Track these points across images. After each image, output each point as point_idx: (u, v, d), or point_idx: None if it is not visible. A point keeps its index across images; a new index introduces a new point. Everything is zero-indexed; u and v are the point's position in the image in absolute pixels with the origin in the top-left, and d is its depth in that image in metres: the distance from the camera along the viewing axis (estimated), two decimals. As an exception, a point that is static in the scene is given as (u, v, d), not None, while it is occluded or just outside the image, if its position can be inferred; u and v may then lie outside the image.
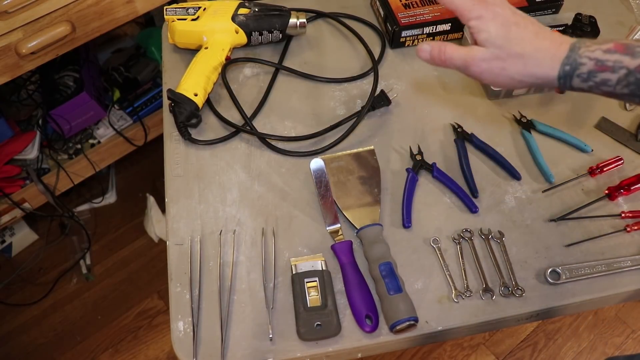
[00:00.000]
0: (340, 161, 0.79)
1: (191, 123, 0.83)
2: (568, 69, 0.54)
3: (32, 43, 1.05)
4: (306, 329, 0.65)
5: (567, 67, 0.54)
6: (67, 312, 1.56)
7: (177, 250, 0.73)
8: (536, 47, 0.55)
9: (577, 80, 0.54)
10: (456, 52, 0.59)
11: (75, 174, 1.46)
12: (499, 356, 1.49)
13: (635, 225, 0.74)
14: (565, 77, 0.55)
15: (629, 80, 0.50)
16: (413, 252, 0.73)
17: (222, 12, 0.88)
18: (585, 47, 0.54)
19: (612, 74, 0.51)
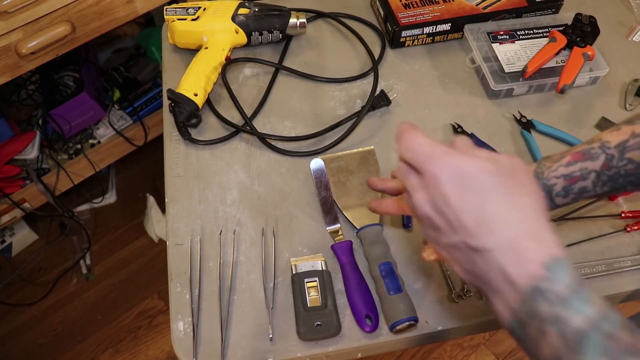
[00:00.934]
0: (340, 161, 0.79)
1: (191, 123, 0.83)
2: (545, 193, 0.54)
3: (32, 43, 1.05)
4: (306, 329, 0.65)
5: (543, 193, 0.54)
6: (67, 312, 1.56)
7: (177, 250, 0.73)
8: None
9: (559, 199, 0.53)
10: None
11: (75, 174, 1.46)
12: (499, 356, 1.49)
13: (635, 225, 0.74)
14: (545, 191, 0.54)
15: (602, 180, 0.51)
16: (413, 252, 0.73)
17: (222, 12, 0.88)
18: (547, 169, 0.53)
19: (584, 181, 0.51)
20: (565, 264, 0.37)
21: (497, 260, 0.37)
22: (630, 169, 0.50)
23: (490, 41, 0.90)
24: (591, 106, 0.87)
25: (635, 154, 0.50)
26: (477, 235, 0.38)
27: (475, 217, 0.38)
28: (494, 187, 0.38)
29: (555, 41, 0.87)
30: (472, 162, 0.39)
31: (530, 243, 0.37)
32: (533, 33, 0.91)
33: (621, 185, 0.51)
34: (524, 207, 0.38)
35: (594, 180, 0.51)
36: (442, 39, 0.94)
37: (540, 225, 0.38)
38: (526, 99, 0.88)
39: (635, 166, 0.50)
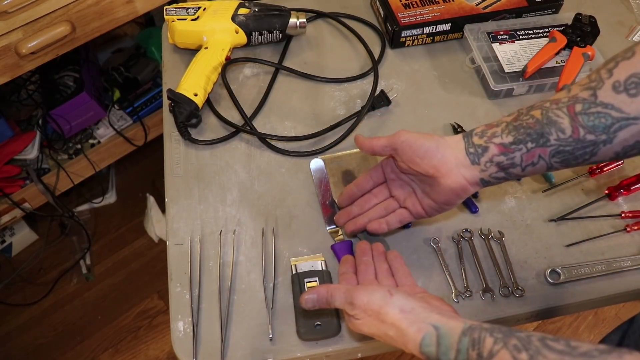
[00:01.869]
0: (340, 161, 0.79)
1: (191, 123, 0.83)
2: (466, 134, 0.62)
3: (32, 43, 1.05)
4: (306, 329, 0.65)
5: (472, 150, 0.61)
6: (67, 312, 1.56)
7: (177, 250, 0.73)
8: None
9: (475, 137, 0.61)
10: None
11: (75, 174, 1.46)
12: (499, 356, 1.49)
13: (635, 225, 0.74)
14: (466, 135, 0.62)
15: (508, 128, 0.59)
16: (413, 252, 0.73)
17: (222, 12, 0.88)
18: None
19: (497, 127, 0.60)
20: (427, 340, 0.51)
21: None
22: (530, 123, 0.58)
23: (490, 41, 0.90)
24: (591, 106, 0.87)
25: (536, 112, 0.58)
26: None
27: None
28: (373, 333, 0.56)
29: (555, 41, 0.87)
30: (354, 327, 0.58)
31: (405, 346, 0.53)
32: (533, 33, 0.91)
33: (522, 137, 0.58)
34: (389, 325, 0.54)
35: (503, 127, 0.60)
36: (442, 39, 0.94)
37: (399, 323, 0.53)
38: (526, 99, 0.88)
39: (534, 121, 0.58)
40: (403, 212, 0.67)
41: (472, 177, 0.60)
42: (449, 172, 0.60)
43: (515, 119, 0.59)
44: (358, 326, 0.56)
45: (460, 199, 0.63)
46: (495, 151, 0.59)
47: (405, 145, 0.62)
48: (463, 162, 0.60)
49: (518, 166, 0.59)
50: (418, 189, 0.66)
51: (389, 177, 0.69)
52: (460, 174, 0.60)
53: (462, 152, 0.60)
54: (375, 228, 0.67)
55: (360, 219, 0.70)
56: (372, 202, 0.70)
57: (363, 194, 0.71)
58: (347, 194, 0.71)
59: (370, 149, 0.66)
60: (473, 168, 0.60)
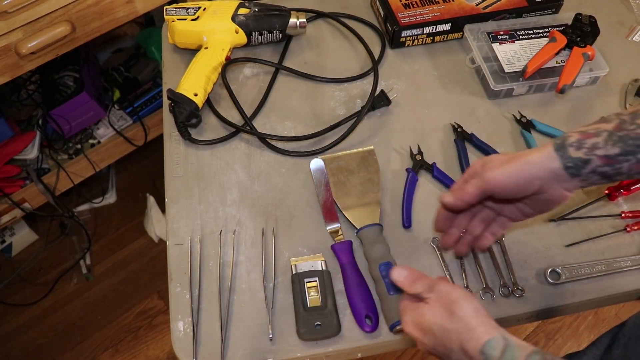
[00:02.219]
0: (340, 161, 0.79)
1: (191, 123, 0.83)
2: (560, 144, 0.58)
3: (32, 43, 1.05)
4: (306, 329, 0.65)
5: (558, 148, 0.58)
6: (67, 312, 1.56)
7: (177, 250, 0.73)
8: None
9: (572, 149, 0.57)
10: None
11: (75, 174, 1.46)
12: (499, 356, 1.49)
13: (635, 225, 0.74)
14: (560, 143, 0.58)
15: (613, 139, 0.56)
16: (413, 252, 0.73)
17: (222, 12, 0.88)
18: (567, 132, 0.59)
19: (597, 137, 0.56)
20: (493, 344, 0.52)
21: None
22: (638, 133, 0.55)
23: (490, 41, 0.90)
24: (591, 106, 0.87)
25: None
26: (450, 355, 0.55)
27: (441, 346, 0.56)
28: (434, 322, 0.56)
29: (555, 41, 0.87)
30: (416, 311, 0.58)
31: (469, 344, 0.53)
32: (533, 33, 0.91)
33: (630, 148, 0.55)
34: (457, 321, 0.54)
35: (605, 138, 0.56)
36: (442, 39, 0.94)
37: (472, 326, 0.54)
38: (526, 99, 0.88)
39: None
40: (503, 220, 0.65)
41: (573, 187, 0.59)
42: (549, 189, 0.58)
43: (619, 128, 0.56)
44: (420, 308, 0.57)
45: (558, 205, 0.61)
46: (599, 163, 0.56)
47: (499, 189, 0.59)
48: (562, 177, 0.57)
49: (625, 174, 0.57)
50: (518, 203, 0.64)
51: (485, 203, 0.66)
52: (560, 188, 0.58)
53: (558, 168, 0.57)
54: (484, 244, 0.67)
55: (465, 239, 0.67)
56: (467, 218, 0.67)
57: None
58: (441, 218, 0.67)
59: (466, 205, 0.62)
60: (573, 180, 0.58)
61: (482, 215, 0.67)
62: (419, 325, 0.57)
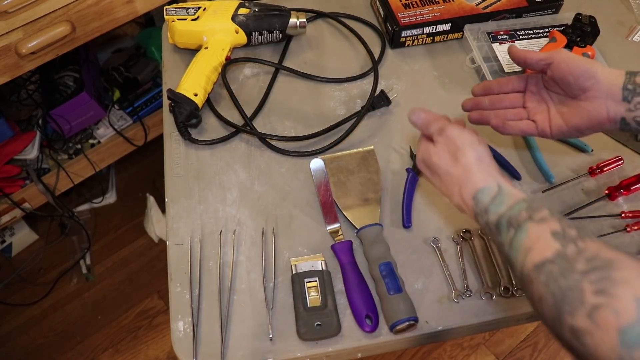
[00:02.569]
0: (340, 161, 0.79)
1: (191, 123, 0.83)
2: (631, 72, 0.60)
3: (32, 43, 1.05)
4: (306, 329, 0.65)
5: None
6: (67, 312, 1.56)
7: (177, 250, 0.73)
8: None
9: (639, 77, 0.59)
10: None
11: (75, 174, 1.46)
12: (499, 356, 1.49)
13: (635, 225, 0.74)
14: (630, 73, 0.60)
15: None
16: (413, 252, 0.73)
17: (222, 12, 0.88)
18: None
19: None
20: (486, 191, 0.56)
21: (462, 209, 0.59)
22: None
23: (490, 41, 0.90)
24: (591, 106, 0.87)
25: None
26: (451, 197, 0.60)
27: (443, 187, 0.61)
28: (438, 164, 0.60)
29: (555, 41, 0.87)
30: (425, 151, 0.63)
31: (465, 190, 0.57)
32: (533, 33, 0.91)
33: None
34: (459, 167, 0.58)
35: None
36: (442, 39, 0.94)
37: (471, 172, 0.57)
38: (526, 99, 0.88)
39: None
40: (529, 124, 0.67)
41: (615, 113, 0.59)
42: (595, 98, 0.60)
43: None
44: (429, 150, 0.61)
45: (591, 131, 0.63)
46: None
47: (563, 62, 0.62)
48: (615, 95, 0.59)
49: None
50: (553, 108, 0.65)
51: (530, 89, 0.68)
52: (605, 105, 0.59)
53: (619, 84, 0.59)
54: (499, 125, 0.68)
55: (487, 113, 0.70)
56: (503, 104, 0.70)
57: (498, 93, 0.70)
58: (483, 85, 0.71)
59: (523, 59, 0.66)
60: (622, 104, 0.59)
61: (516, 110, 0.69)
62: (428, 165, 0.61)
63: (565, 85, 0.62)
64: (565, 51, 0.63)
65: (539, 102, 0.67)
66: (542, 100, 0.67)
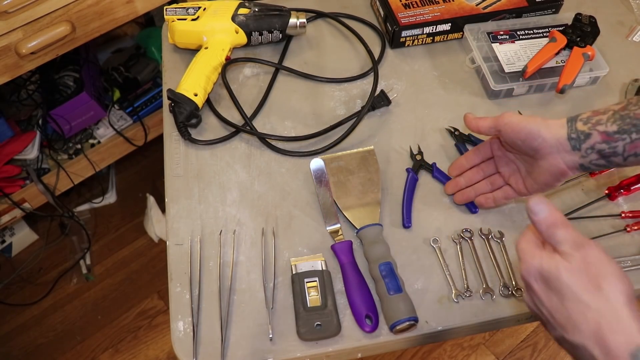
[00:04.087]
0: (340, 161, 0.79)
1: (191, 123, 0.83)
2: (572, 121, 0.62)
3: (32, 43, 1.05)
4: (306, 329, 0.65)
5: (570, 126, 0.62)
6: (67, 312, 1.56)
7: (177, 250, 0.73)
8: None
9: (580, 124, 0.61)
10: None
11: (75, 174, 1.46)
12: (499, 356, 1.49)
13: (635, 225, 0.74)
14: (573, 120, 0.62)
15: (615, 117, 0.59)
16: (413, 252, 0.73)
17: (222, 12, 0.88)
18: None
19: (603, 115, 0.60)
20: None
21: (590, 354, 0.45)
22: (637, 114, 0.58)
23: (490, 41, 0.90)
24: (591, 106, 0.87)
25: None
26: (569, 331, 0.46)
27: (563, 315, 0.47)
28: (569, 286, 0.47)
29: (555, 41, 0.87)
30: (551, 263, 0.48)
31: (613, 336, 0.43)
32: (533, 33, 0.91)
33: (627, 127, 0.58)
34: (602, 300, 0.45)
35: (609, 116, 0.60)
36: (442, 39, 0.94)
37: (622, 315, 0.44)
38: (526, 99, 0.88)
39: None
40: (508, 190, 0.71)
41: (572, 162, 0.61)
42: (549, 155, 0.62)
43: (623, 109, 0.59)
44: (556, 263, 0.47)
45: (559, 181, 0.64)
46: (598, 139, 0.59)
47: (508, 127, 0.64)
48: (564, 147, 0.61)
49: (620, 155, 0.59)
50: (522, 167, 0.68)
51: (496, 154, 0.72)
52: (560, 159, 0.61)
53: (564, 136, 0.61)
54: (483, 203, 0.73)
55: (468, 191, 0.74)
56: (478, 176, 0.74)
57: (471, 167, 0.74)
58: (456, 165, 0.75)
59: (477, 128, 0.69)
60: (574, 154, 0.61)
61: (491, 178, 0.73)
62: (546, 279, 0.48)
63: (517, 148, 0.65)
64: (509, 115, 0.65)
65: (508, 164, 0.70)
66: (510, 162, 0.70)
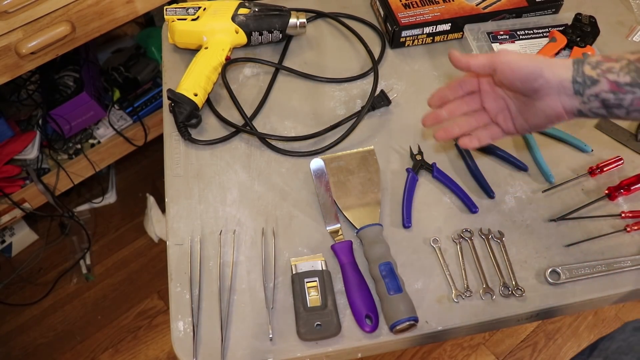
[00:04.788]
0: (340, 161, 0.79)
1: (191, 123, 0.83)
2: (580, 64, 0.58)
3: (32, 43, 1.05)
4: (306, 329, 0.65)
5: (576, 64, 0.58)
6: (67, 312, 1.56)
7: (177, 250, 0.73)
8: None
9: (588, 67, 0.57)
10: None
11: (75, 174, 1.46)
12: (499, 356, 1.49)
13: (635, 225, 0.74)
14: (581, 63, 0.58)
15: (630, 67, 0.55)
16: (413, 252, 0.73)
17: (222, 12, 0.88)
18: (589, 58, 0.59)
19: (616, 63, 0.56)
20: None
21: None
22: None
23: (490, 41, 0.90)
24: (591, 106, 0.87)
25: None
26: None
27: None
28: None
29: (555, 41, 0.87)
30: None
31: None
32: (533, 33, 0.91)
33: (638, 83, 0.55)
34: None
35: (623, 65, 0.56)
36: (442, 39, 0.94)
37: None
38: (526, 99, 0.88)
39: None
40: (495, 129, 0.66)
41: (571, 107, 0.58)
42: (548, 96, 0.58)
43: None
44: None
45: (552, 124, 0.61)
46: (605, 87, 0.56)
47: (506, 67, 0.59)
48: (566, 90, 0.57)
49: (624, 108, 0.56)
50: (512, 105, 0.63)
51: (483, 88, 0.66)
52: (559, 101, 0.58)
53: (568, 79, 0.57)
54: (467, 143, 0.66)
55: (451, 127, 0.67)
56: (462, 110, 0.67)
57: (454, 99, 0.68)
58: (438, 95, 0.68)
59: (466, 66, 0.63)
60: (574, 98, 0.57)
61: (477, 115, 0.67)
62: None
63: (514, 88, 0.61)
64: (506, 52, 0.60)
65: (496, 101, 0.65)
66: (499, 97, 0.65)
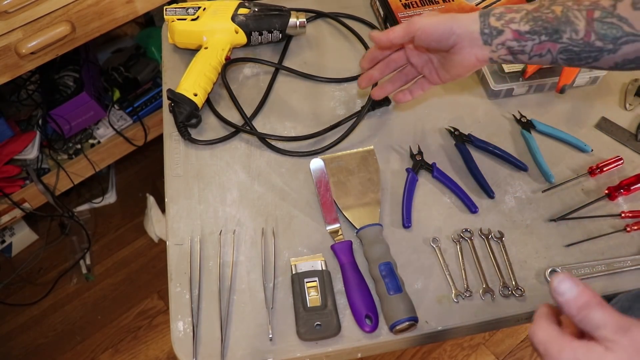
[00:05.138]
0: (340, 161, 0.79)
1: (191, 123, 0.83)
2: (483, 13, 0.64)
3: (32, 43, 1.05)
4: (306, 329, 0.65)
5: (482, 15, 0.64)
6: (67, 312, 1.56)
7: (177, 250, 0.73)
8: None
9: (492, 18, 0.63)
10: None
11: (75, 174, 1.46)
12: (499, 356, 1.49)
13: (635, 225, 0.74)
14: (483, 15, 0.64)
15: (528, 17, 0.62)
16: (413, 252, 0.73)
17: (222, 12, 0.88)
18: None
19: (516, 13, 0.62)
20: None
21: None
22: (549, 17, 0.61)
23: (490, 41, 0.90)
24: (591, 106, 0.87)
25: (557, 8, 0.61)
26: None
27: None
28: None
29: (555, 41, 0.87)
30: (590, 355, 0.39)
31: None
32: (533, 33, 0.91)
33: (538, 28, 0.61)
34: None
35: (522, 15, 0.62)
36: (442, 39, 0.94)
37: None
38: (526, 99, 0.88)
39: (553, 16, 0.61)
40: (422, 81, 0.74)
41: (482, 56, 0.65)
42: (461, 50, 0.64)
43: (536, 10, 0.62)
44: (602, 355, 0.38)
45: (470, 72, 0.69)
46: (510, 36, 0.62)
47: (421, 32, 0.65)
48: (476, 41, 0.64)
49: (526, 54, 0.63)
50: (434, 59, 0.71)
51: (407, 46, 0.73)
52: (472, 53, 0.64)
53: (476, 31, 0.63)
54: (401, 98, 0.76)
55: (386, 85, 0.77)
56: (392, 67, 0.75)
57: (384, 58, 0.75)
58: (368, 57, 0.75)
59: (388, 41, 0.69)
60: (484, 48, 0.64)
61: (405, 70, 0.75)
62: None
63: (433, 49, 0.68)
64: (419, 19, 0.65)
65: (419, 55, 0.72)
66: (422, 53, 0.72)
